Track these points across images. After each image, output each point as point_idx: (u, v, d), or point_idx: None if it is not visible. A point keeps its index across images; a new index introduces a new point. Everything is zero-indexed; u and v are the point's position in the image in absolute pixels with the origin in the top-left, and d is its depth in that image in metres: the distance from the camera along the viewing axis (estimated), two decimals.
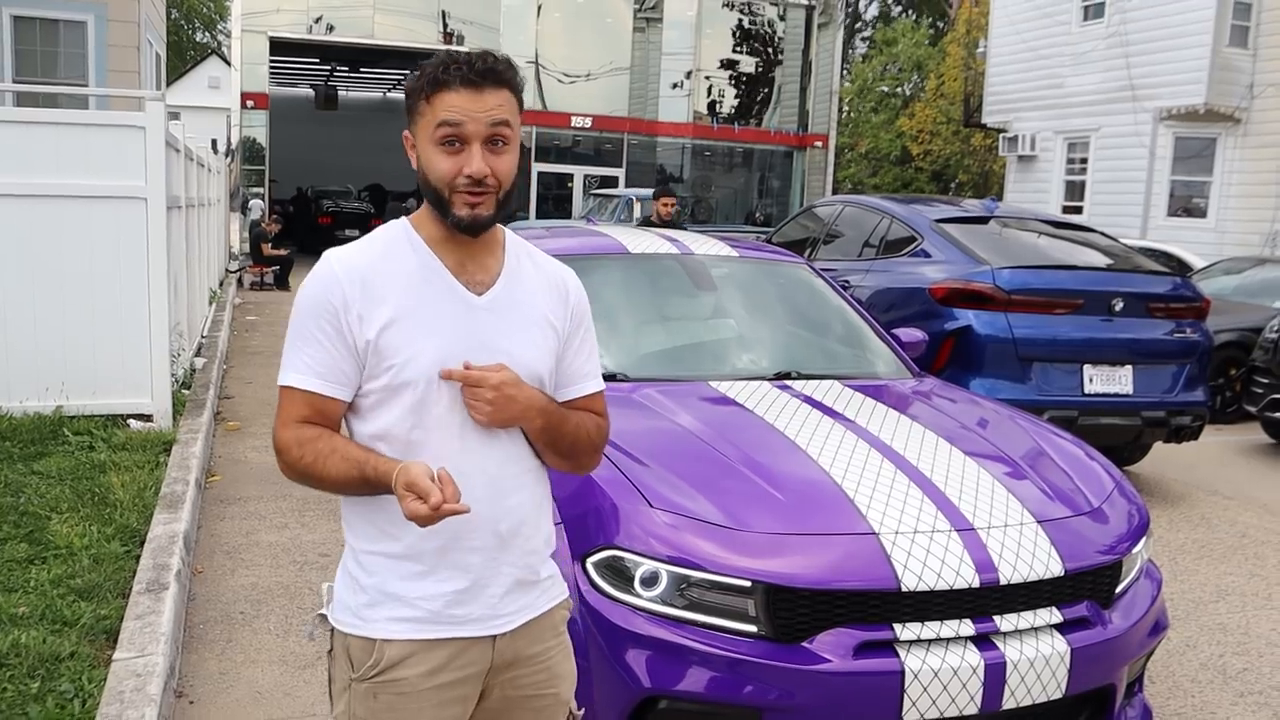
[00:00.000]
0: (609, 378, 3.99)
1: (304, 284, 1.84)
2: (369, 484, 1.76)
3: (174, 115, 11.74)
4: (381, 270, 1.83)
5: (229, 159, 22.15)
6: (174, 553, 4.45)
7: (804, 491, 3.08)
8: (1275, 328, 8.63)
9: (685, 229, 8.67)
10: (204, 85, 37.02)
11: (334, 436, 1.82)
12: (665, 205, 9.47)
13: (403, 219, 1.92)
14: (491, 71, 1.79)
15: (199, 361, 8.98)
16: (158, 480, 5.55)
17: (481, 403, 1.80)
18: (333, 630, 1.91)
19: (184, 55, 44.32)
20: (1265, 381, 8.59)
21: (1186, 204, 18.32)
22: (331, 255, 1.86)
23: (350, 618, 1.88)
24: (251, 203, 23.90)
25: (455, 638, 1.86)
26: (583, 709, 2.13)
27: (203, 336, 10.47)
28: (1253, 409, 8.79)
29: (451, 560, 1.84)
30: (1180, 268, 11.83)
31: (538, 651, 1.97)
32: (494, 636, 1.90)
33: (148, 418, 6.79)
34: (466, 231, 1.83)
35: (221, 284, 16.23)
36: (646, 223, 9.79)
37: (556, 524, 3.01)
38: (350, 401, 1.85)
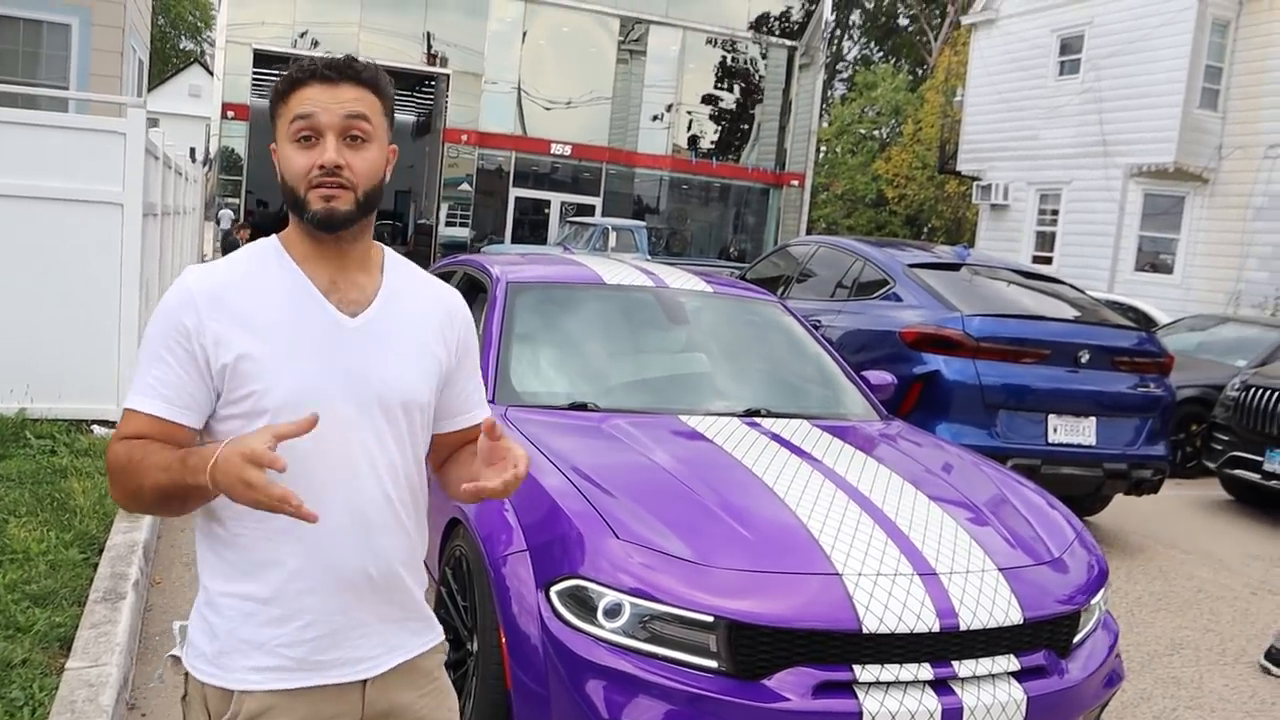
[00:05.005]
0: (579, 407, 4.04)
1: (160, 301, 1.71)
2: (187, 467, 1.56)
3: (153, 122, 11.67)
4: (243, 288, 1.70)
5: (206, 168, 22.06)
6: (133, 562, 4.41)
7: (770, 530, 3.10)
8: (1237, 385, 8.75)
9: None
10: (184, 93, 36.93)
11: (168, 445, 1.65)
12: None
13: (273, 236, 1.79)
14: (348, 68, 1.71)
15: None
16: None
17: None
18: (187, 674, 1.77)
19: (167, 61, 44.19)
20: (1225, 438, 8.70)
21: (1154, 259, 18.60)
22: (190, 272, 1.72)
23: (206, 665, 1.73)
24: (222, 212, 23.82)
25: (320, 685, 1.73)
26: None
27: None
28: (1212, 465, 8.89)
29: (318, 603, 1.71)
30: (1146, 322, 11.99)
31: (412, 700, 1.84)
32: (363, 682, 1.78)
33: (112, 424, 6.72)
34: (323, 228, 1.69)
35: None
36: None
37: (521, 551, 3.05)
38: (201, 428, 1.70)
